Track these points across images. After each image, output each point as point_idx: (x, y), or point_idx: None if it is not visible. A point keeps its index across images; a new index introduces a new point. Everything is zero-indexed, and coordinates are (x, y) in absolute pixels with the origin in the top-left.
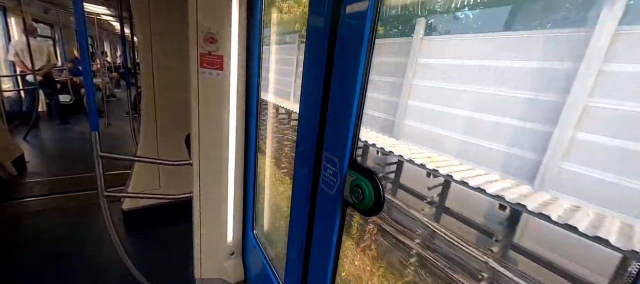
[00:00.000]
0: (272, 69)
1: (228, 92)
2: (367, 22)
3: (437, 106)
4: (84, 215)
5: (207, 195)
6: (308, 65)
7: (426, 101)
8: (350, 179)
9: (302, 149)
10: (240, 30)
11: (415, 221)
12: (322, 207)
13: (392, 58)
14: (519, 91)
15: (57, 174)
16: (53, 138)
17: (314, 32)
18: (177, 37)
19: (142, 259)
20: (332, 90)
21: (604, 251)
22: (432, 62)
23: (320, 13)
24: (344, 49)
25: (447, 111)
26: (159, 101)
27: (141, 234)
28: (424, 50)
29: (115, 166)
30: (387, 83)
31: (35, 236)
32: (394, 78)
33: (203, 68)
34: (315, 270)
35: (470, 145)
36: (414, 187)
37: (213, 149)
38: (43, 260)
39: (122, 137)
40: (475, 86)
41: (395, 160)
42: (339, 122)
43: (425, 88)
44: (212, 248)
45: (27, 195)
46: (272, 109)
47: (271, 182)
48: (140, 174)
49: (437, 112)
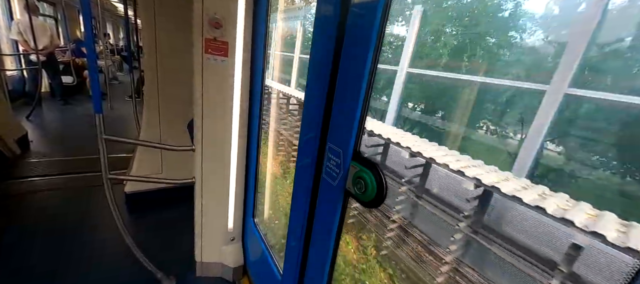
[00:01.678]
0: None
1: (232, 79)
2: (377, 13)
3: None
4: (87, 196)
5: (209, 181)
6: (315, 55)
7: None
8: (353, 171)
9: (306, 138)
10: (247, 15)
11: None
12: (324, 198)
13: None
14: None
15: (61, 154)
16: (56, 119)
17: (322, 20)
18: (182, 21)
19: (143, 241)
20: (339, 80)
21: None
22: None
23: (328, 1)
24: (353, 39)
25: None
26: (162, 85)
27: (143, 217)
28: None
29: (117, 149)
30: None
31: (38, 214)
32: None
33: (208, 54)
34: (314, 259)
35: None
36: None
37: (216, 135)
38: (46, 238)
39: (124, 120)
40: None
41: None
42: (344, 113)
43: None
44: (212, 233)
45: (31, 174)
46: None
47: (273, 169)
48: (142, 158)
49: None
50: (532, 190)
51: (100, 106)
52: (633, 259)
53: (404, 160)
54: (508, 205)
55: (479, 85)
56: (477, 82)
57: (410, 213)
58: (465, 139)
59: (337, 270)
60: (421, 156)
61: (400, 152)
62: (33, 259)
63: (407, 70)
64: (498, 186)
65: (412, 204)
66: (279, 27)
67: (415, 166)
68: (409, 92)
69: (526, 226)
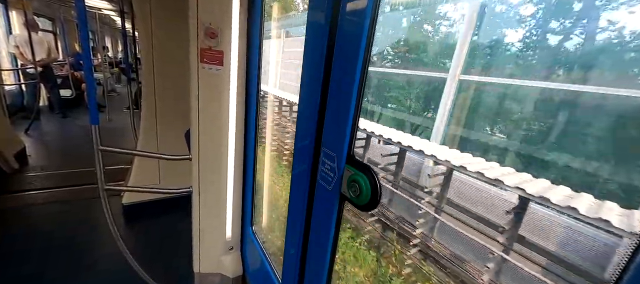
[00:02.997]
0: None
1: (228, 88)
2: (366, 17)
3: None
4: (85, 209)
5: (206, 190)
6: (307, 61)
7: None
8: (347, 174)
9: (300, 145)
10: (241, 25)
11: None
12: (320, 203)
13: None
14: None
15: (58, 167)
16: (54, 132)
17: (313, 27)
18: (178, 32)
19: (141, 252)
20: (331, 85)
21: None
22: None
23: (320, 8)
24: (344, 45)
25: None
26: (159, 95)
27: (140, 228)
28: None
29: (115, 160)
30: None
31: (35, 228)
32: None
33: (203, 63)
34: (312, 265)
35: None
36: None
37: (213, 144)
38: (43, 252)
39: (122, 132)
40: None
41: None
42: (337, 117)
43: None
44: (211, 243)
45: (29, 188)
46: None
47: (270, 177)
48: (140, 168)
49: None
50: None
51: (96, 117)
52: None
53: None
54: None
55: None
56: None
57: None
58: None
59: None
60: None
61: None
62: (30, 272)
63: (460, 77)
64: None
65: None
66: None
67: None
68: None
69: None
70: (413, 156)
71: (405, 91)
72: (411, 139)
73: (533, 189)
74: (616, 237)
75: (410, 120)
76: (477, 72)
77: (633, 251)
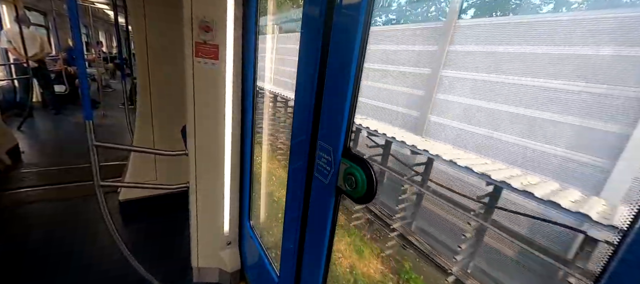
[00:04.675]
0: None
1: (224, 82)
2: (361, 11)
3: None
4: (81, 205)
5: (203, 185)
6: (303, 55)
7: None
8: (343, 168)
9: (297, 139)
10: (236, 19)
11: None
12: (317, 196)
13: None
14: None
15: (53, 164)
16: (48, 128)
17: (309, 20)
18: (172, 26)
19: (139, 248)
20: (327, 79)
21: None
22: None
23: (315, 2)
24: (339, 38)
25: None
26: (154, 90)
27: (138, 225)
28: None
29: (111, 157)
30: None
31: (30, 226)
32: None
33: (198, 57)
34: (309, 258)
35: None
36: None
37: (209, 139)
38: (38, 250)
39: (118, 128)
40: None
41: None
42: (333, 111)
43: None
44: (209, 238)
45: (22, 185)
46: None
47: (268, 171)
48: (136, 165)
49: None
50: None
51: (90, 113)
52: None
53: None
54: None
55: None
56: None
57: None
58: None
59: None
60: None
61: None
62: (25, 271)
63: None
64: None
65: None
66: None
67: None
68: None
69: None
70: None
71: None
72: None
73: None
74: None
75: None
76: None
77: (615, 247)
